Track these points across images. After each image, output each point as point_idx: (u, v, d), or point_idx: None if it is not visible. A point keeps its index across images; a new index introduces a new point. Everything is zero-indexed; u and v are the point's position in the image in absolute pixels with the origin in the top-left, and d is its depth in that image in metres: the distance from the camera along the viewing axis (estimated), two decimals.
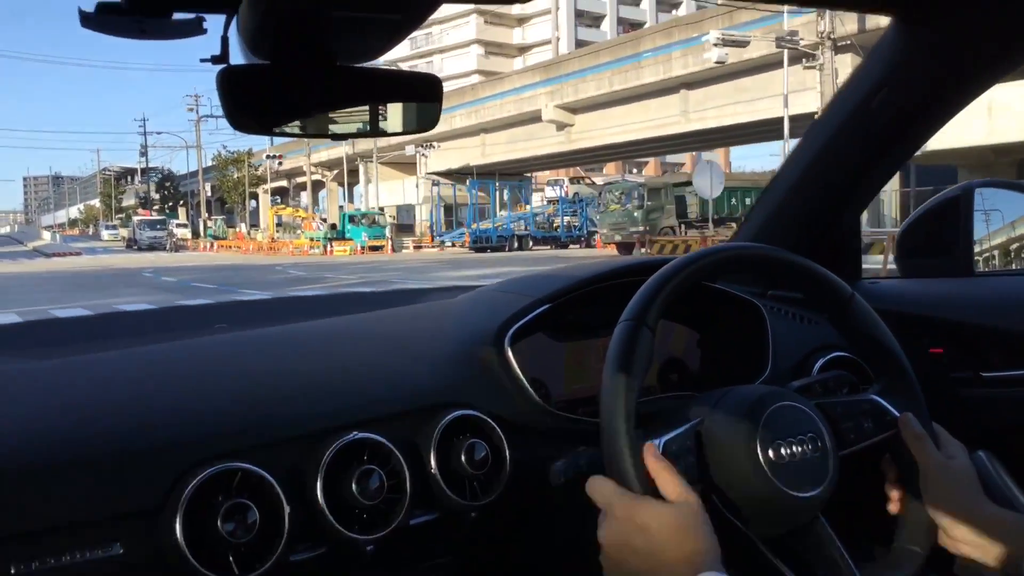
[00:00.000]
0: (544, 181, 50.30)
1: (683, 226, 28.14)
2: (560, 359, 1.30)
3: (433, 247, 36.86)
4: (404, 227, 41.87)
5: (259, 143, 66.64)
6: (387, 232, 37.45)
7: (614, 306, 0.96)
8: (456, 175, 43.43)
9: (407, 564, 1.13)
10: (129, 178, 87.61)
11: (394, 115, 0.92)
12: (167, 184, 71.31)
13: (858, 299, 1.03)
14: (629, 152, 40.42)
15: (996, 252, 1.52)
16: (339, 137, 0.94)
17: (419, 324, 1.35)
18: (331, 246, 35.81)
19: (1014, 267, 1.57)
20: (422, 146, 39.81)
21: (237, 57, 0.79)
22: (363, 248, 35.10)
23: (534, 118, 35.69)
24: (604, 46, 34.56)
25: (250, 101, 0.81)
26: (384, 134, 0.94)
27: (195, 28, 0.76)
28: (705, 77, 27.75)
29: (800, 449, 0.92)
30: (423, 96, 0.93)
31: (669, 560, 0.79)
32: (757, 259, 1.06)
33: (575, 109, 34.21)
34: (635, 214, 27.69)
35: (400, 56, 57.62)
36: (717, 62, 22.21)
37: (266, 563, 0.90)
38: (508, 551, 1.26)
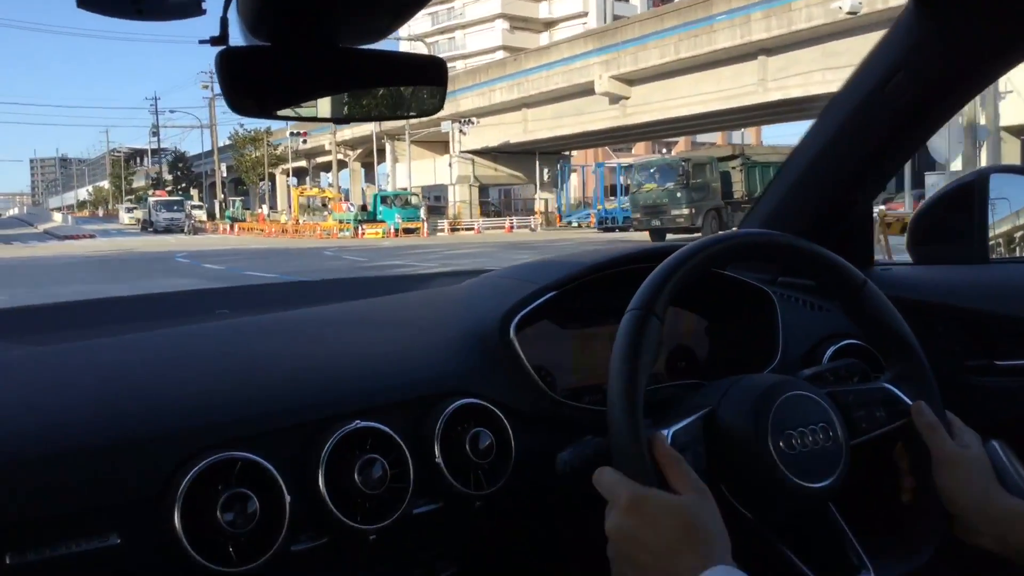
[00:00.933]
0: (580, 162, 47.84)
1: (728, 207, 24.60)
2: (567, 347, 1.28)
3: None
4: (434, 209, 39.47)
5: (278, 122, 64.42)
6: (421, 214, 35.76)
7: (622, 294, 0.94)
8: (492, 153, 40.85)
9: (411, 554, 1.11)
10: (139, 159, 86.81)
11: (398, 98, 0.92)
12: (180, 164, 69.52)
13: (870, 286, 1.01)
14: (693, 127, 37.76)
15: (1001, 240, 1.50)
16: (341, 121, 0.93)
17: (423, 311, 1.32)
18: (362, 228, 34.33)
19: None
20: (460, 122, 37.20)
21: (237, 38, 0.79)
22: (396, 231, 33.44)
23: (584, 91, 33.15)
24: (670, 8, 31.40)
25: (250, 83, 0.81)
26: (387, 118, 0.95)
27: (193, 8, 0.75)
28: (789, 42, 25.21)
29: (811, 439, 0.91)
30: (428, 79, 0.91)
31: (679, 553, 0.77)
32: (768, 246, 1.03)
33: (632, 80, 31.73)
34: (677, 194, 24.04)
35: (421, 32, 55.11)
36: (849, 12, 19.54)
37: (267, 553, 0.89)
38: (513, 541, 1.25)
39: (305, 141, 47.68)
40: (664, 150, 59.48)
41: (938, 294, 1.42)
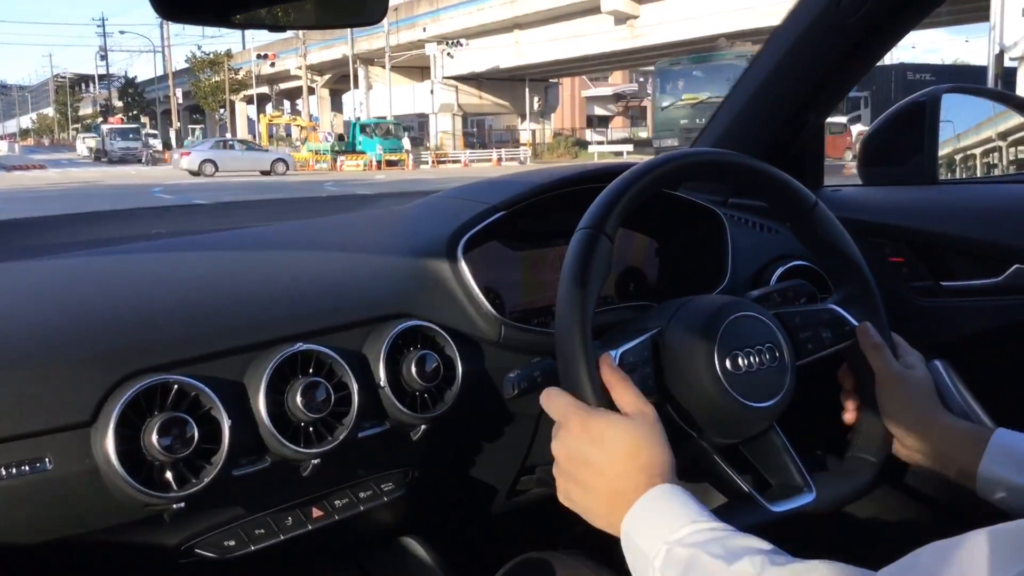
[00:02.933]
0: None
1: None
2: (516, 268, 1.26)
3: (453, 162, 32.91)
4: (413, 140, 36.99)
5: (237, 45, 60.99)
6: (405, 144, 33.08)
7: (573, 214, 0.92)
8: (478, 80, 38.20)
9: (355, 476, 1.11)
10: (85, 84, 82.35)
11: (337, 5, 0.89)
12: (130, 90, 65.32)
13: (821, 207, 1.00)
14: (707, 49, 35.24)
15: (941, 162, 1.50)
16: (277, 29, 0.88)
17: (369, 232, 1.30)
18: (341, 160, 32.11)
19: (977, 175, 1.56)
20: (446, 43, 34.44)
21: None
22: (379, 163, 31.16)
23: (586, 10, 30.43)
24: None
25: None
26: (326, 26, 0.92)
27: None
28: None
29: (757, 359, 0.92)
30: None
31: (623, 471, 0.78)
32: (718, 165, 1.01)
33: None
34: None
35: None
36: None
37: (205, 479, 0.87)
38: (459, 463, 1.25)
39: (273, 64, 44.52)
40: (641, 79, 57.02)
41: (886, 215, 1.41)
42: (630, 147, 35.00)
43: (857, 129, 21.10)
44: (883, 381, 0.97)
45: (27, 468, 0.83)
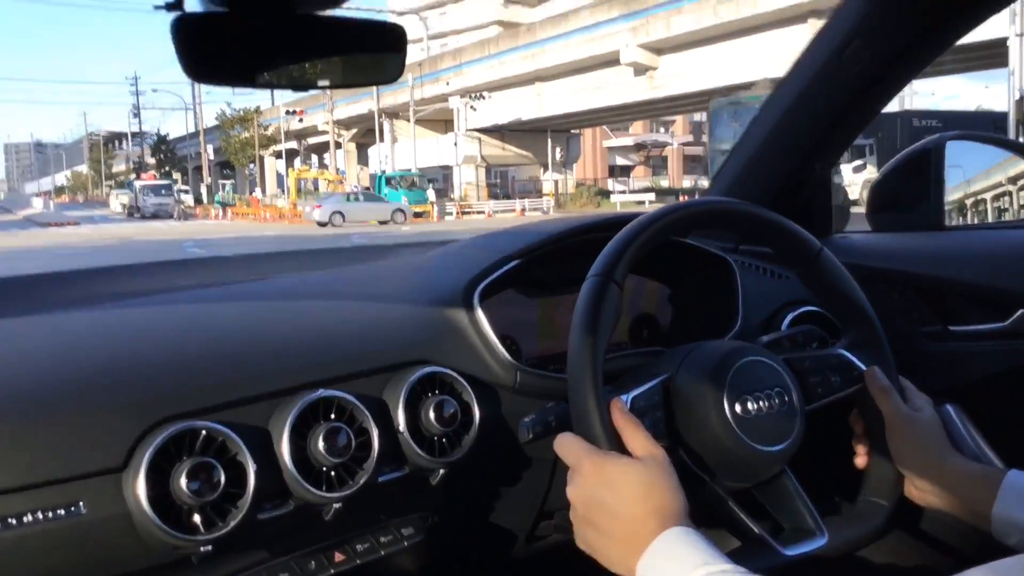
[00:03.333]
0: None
1: None
2: (531, 315, 1.28)
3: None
4: (437, 191, 37.30)
5: (266, 101, 61.96)
6: (430, 195, 33.25)
7: (587, 261, 0.94)
8: (500, 131, 38.61)
9: (376, 521, 1.13)
10: (118, 142, 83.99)
11: (357, 65, 0.93)
12: (163, 147, 66.50)
13: (826, 254, 1.02)
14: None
15: (953, 208, 1.51)
16: (299, 87, 0.93)
17: (388, 281, 1.32)
18: None
19: (988, 220, 1.56)
20: (470, 97, 34.92)
21: (193, 3, 0.78)
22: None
23: (607, 61, 30.66)
24: None
25: (206, 51, 0.80)
26: (347, 85, 0.97)
27: None
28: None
29: (767, 404, 0.92)
30: (386, 46, 0.92)
31: (637, 515, 0.79)
32: (726, 214, 1.03)
33: (661, 49, 29.30)
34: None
35: (410, 7, 52.30)
36: None
37: (232, 522, 0.89)
38: (478, 507, 1.26)
39: (301, 120, 45.25)
40: (662, 129, 57.28)
41: (894, 261, 1.42)
42: (652, 196, 34.99)
43: (862, 177, 21.11)
44: (892, 424, 0.98)
45: (63, 512, 0.86)
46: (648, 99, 31.65)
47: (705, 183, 21.23)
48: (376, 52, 0.91)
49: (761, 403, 0.92)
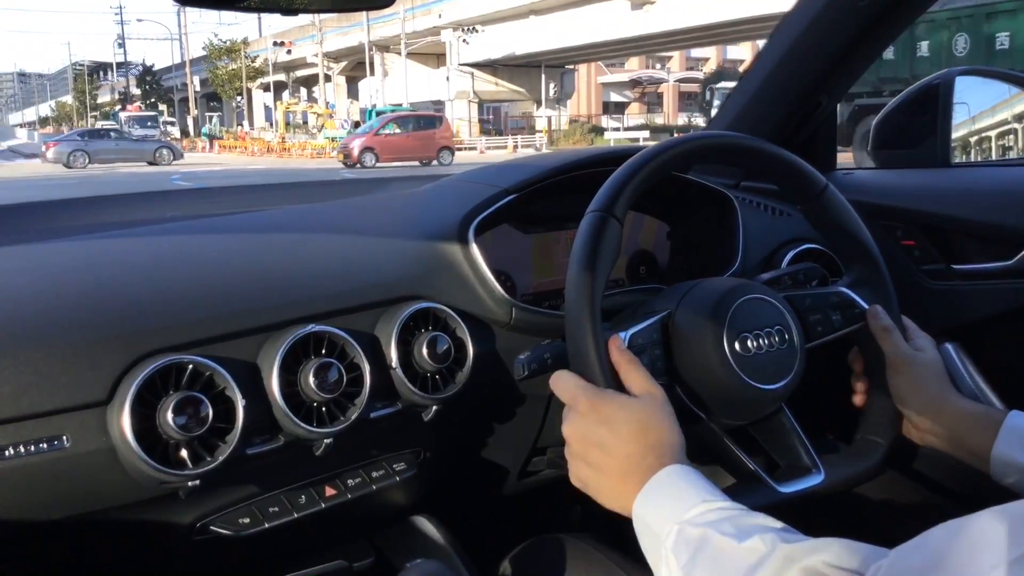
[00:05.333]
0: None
1: None
2: (527, 251, 1.26)
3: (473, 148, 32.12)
4: None
5: (254, 32, 60.81)
6: None
7: (584, 197, 0.92)
8: (493, 66, 38.01)
9: (368, 456, 1.12)
10: (103, 72, 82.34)
11: None
12: (148, 78, 65.35)
13: (831, 190, 1.00)
14: (729, 34, 34.78)
15: (955, 146, 1.49)
16: (288, 11, 0.89)
17: (381, 215, 1.29)
18: None
19: (992, 158, 1.54)
20: (462, 30, 34.27)
21: None
22: None
23: None
24: None
25: None
26: (336, 10, 0.93)
27: None
28: None
29: (766, 342, 0.92)
30: None
31: (633, 452, 0.78)
32: (731, 148, 1.00)
33: None
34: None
35: None
36: None
37: (220, 457, 0.88)
38: (471, 443, 1.25)
39: (289, 52, 44.42)
40: (658, 65, 56.45)
41: (898, 198, 1.40)
42: (646, 133, 34.75)
43: None
44: (893, 363, 0.97)
45: (45, 446, 0.84)
46: (645, 34, 31.17)
47: (701, 122, 21.09)
48: None
49: (761, 341, 0.91)
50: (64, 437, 0.85)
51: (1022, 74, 1.57)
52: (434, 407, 1.06)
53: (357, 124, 35.42)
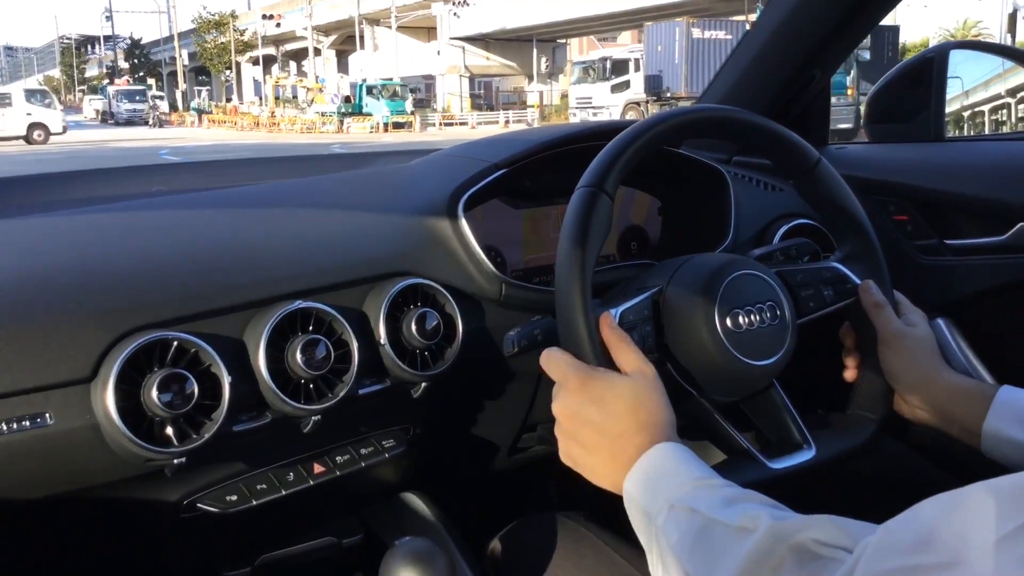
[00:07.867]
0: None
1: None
2: (517, 227, 1.25)
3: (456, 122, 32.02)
4: (418, 102, 36.61)
5: (243, 5, 60.17)
6: (408, 106, 32.65)
7: (574, 172, 0.90)
8: (485, 40, 37.71)
9: (357, 433, 1.11)
10: (91, 46, 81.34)
11: None
12: (136, 52, 64.60)
13: (824, 164, 0.99)
14: (720, 10, 34.58)
15: (948, 120, 1.48)
16: None
17: (369, 190, 1.27)
18: (347, 122, 31.39)
19: (985, 133, 1.53)
20: (454, 3, 33.95)
21: None
22: (386, 125, 30.36)
23: None
24: None
25: None
26: None
27: None
28: None
29: (757, 317, 0.91)
30: None
31: (624, 430, 0.78)
32: (723, 122, 0.99)
33: None
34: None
35: None
36: None
37: (206, 434, 0.87)
38: (460, 420, 1.24)
39: (278, 25, 43.94)
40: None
41: (891, 173, 1.39)
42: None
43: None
44: (885, 339, 0.97)
45: (28, 423, 0.83)
46: (638, 7, 30.93)
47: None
48: None
49: (752, 317, 0.90)
50: (47, 414, 0.84)
51: (1014, 47, 1.60)
52: (423, 384, 1.05)
53: (347, 99, 35.20)
